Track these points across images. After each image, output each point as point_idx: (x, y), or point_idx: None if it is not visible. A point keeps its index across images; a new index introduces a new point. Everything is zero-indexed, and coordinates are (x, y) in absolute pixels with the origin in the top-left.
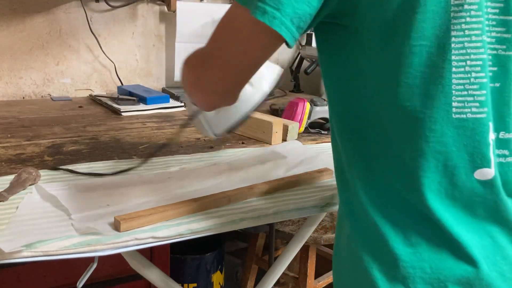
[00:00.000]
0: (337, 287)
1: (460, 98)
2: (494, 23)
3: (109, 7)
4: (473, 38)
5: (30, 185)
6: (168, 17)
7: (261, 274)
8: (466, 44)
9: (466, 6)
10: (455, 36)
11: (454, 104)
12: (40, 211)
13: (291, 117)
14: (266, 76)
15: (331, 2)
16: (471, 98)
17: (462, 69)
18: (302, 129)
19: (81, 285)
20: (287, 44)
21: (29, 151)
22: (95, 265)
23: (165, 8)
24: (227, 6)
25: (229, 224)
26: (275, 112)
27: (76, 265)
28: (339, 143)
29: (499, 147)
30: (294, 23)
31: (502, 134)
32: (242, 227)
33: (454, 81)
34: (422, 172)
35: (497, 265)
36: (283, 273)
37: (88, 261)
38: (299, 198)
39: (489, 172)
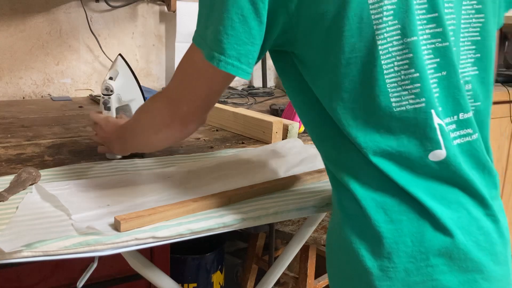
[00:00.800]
0: (331, 271)
1: (396, 94)
2: (425, 21)
3: (109, 7)
4: (394, 43)
5: (30, 185)
6: (168, 17)
7: (261, 274)
8: (390, 49)
9: (384, 18)
10: (380, 45)
11: (392, 99)
12: (40, 211)
13: (291, 117)
14: None
15: (271, 36)
16: (405, 92)
17: (392, 70)
18: (302, 129)
19: (81, 285)
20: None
21: (29, 151)
22: (95, 265)
23: (165, 8)
24: None
25: (229, 224)
26: (275, 112)
27: (76, 265)
28: (313, 139)
29: (462, 127)
30: (242, 62)
31: (461, 115)
32: (242, 227)
33: (387, 81)
34: (383, 160)
35: (473, 235)
36: (283, 273)
37: (88, 261)
38: (299, 198)
39: (441, 153)
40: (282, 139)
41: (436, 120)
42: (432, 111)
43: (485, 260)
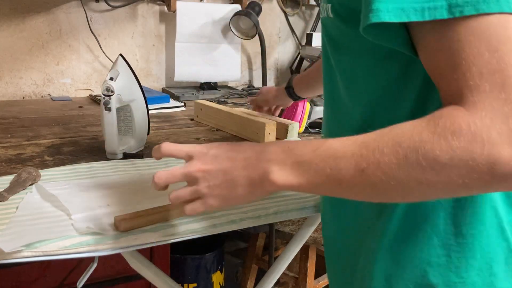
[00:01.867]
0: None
1: None
2: None
3: (109, 7)
4: None
5: (30, 185)
6: (168, 17)
7: (261, 274)
8: None
9: None
10: None
11: None
12: (40, 211)
13: (291, 117)
14: None
15: None
16: None
17: None
18: (302, 129)
19: (81, 285)
20: None
21: (29, 151)
22: (95, 265)
23: (165, 8)
24: (227, 6)
25: (229, 224)
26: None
27: (76, 265)
28: None
29: None
30: None
31: None
32: (242, 227)
33: None
34: None
35: None
36: (283, 273)
37: (88, 261)
38: (299, 198)
39: None
40: (282, 139)
41: None
42: None
43: None
